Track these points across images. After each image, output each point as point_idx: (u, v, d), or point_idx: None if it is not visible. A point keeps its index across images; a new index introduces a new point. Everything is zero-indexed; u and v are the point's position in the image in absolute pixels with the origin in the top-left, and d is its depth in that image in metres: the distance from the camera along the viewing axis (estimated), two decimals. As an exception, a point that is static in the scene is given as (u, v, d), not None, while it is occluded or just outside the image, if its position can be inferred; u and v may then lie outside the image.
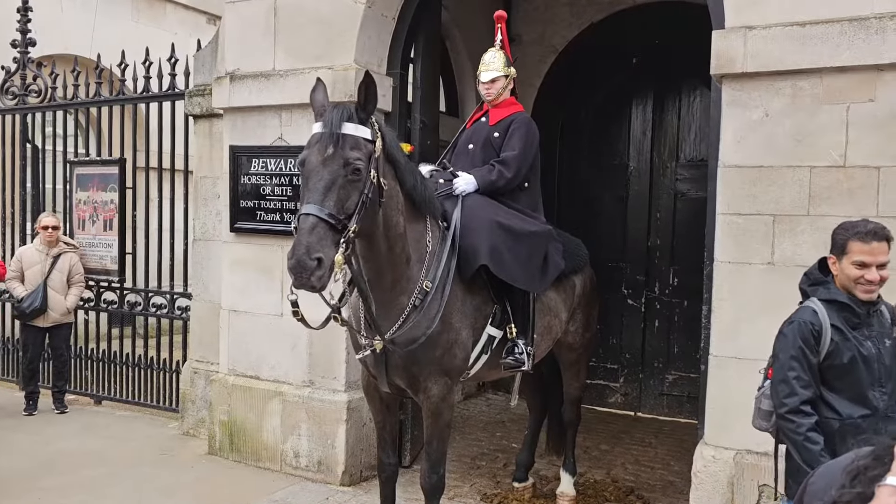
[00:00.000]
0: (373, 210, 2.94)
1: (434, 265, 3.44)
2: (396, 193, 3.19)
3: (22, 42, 7.21)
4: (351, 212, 2.80)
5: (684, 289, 6.64)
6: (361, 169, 2.81)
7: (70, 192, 6.89)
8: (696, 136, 6.75)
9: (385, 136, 3.08)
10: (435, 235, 3.53)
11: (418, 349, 3.39)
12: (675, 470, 5.33)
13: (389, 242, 3.19)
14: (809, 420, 2.58)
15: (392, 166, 3.14)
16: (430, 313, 3.40)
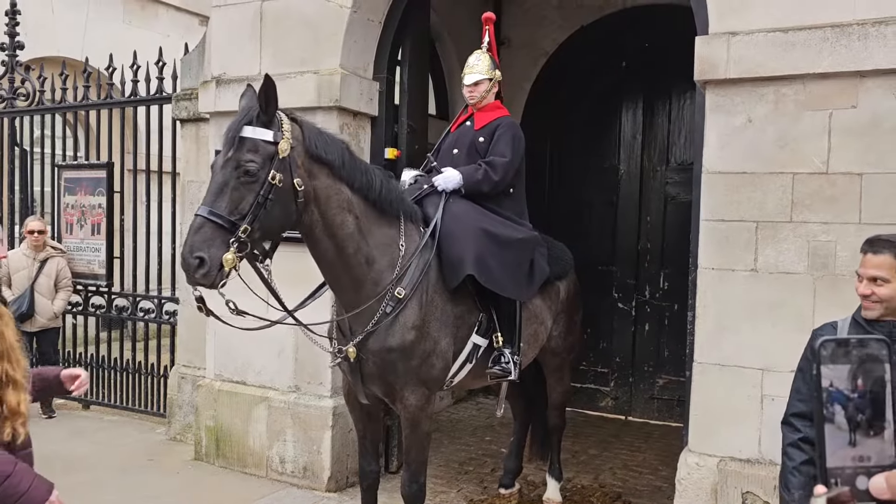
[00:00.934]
0: (281, 210, 2.92)
1: (410, 271, 3.39)
2: (337, 192, 3.13)
3: (10, 45, 7.18)
4: (244, 213, 2.81)
5: (675, 292, 6.62)
6: (253, 171, 2.82)
7: (58, 196, 6.86)
8: (686, 140, 6.74)
9: (306, 136, 3.03)
10: (412, 239, 3.47)
11: (393, 358, 3.36)
12: (663, 475, 5.31)
13: (336, 242, 3.17)
14: (793, 435, 2.51)
15: (324, 166, 3.08)
16: (406, 321, 3.37)
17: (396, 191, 3.48)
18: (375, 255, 3.32)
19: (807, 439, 2.44)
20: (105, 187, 6.50)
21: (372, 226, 3.30)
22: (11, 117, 7.26)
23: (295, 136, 2.98)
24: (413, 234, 3.51)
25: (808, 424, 2.40)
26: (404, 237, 3.43)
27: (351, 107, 4.84)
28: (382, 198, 3.32)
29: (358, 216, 3.23)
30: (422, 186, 3.85)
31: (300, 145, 3.00)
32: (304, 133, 3.04)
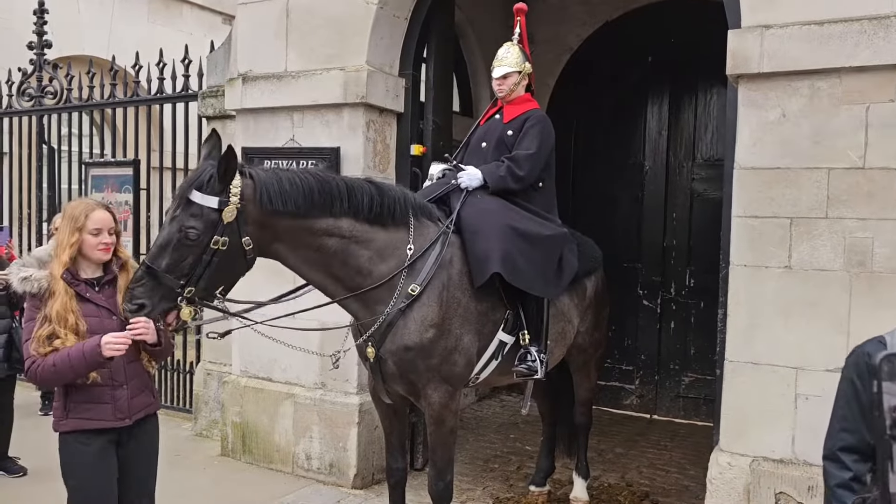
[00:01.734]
0: (228, 266, 2.97)
1: (423, 267, 3.37)
2: (307, 228, 3.14)
3: (38, 44, 7.26)
4: (184, 272, 2.87)
5: (701, 290, 6.56)
6: (194, 237, 2.87)
7: (85, 193, 6.92)
8: (712, 136, 6.67)
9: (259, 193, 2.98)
10: (424, 237, 3.44)
11: (412, 357, 3.35)
12: (690, 474, 5.27)
13: (316, 263, 3.24)
14: (843, 473, 2.10)
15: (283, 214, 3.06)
16: (424, 319, 3.35)
17: (397, 200, 3.40)
18: (375, 263, 3.31)
19: (858, 478, 2.10)
20: (132, 184, 6.55)
21: (368, 238, 3.30)
22: (39, 115, 7.35)
23: (246, 196, 2.96)
24: (426, 232, 3.49)
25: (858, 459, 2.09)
26: (413, 238, 3.41)
27: (377, 103, 4.83)
28: (375, 213, 3.30)
29: (345, 236, 3.23)
30: (449, 182, 3.83)
31: (251, 203, 2.98)
32: (256, 190, 3.00)
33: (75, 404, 2.85)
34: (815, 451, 3.44)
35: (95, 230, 2.88)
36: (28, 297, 2.85)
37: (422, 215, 3.53)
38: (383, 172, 5.00)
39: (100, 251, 2.91)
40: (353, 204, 3.24)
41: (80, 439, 2.85)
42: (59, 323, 2.75)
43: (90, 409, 2.84)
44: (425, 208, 3.59)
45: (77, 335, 2.77)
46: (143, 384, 2.99)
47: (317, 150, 4.91)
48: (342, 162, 4.83)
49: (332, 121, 4.91)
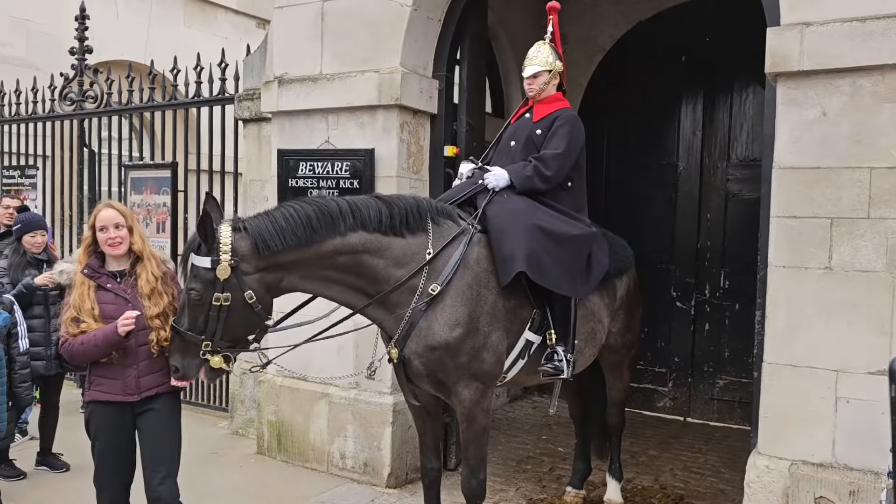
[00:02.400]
0: (239, 320, 3.11)
1: (442, 268, 3.40)
2: (316, 252, 3.21)
3: (79, 49, 7.42)
4: (201, 329, 3.08)
5: (736, 292, 6.50)
6: (196, 298, 3.07)
7: (125, 195, 7.07)
8: (748, 136, 6.60)
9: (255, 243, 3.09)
10: (445, 238, 3.46)
11: (439, 356, 3.37)
12: (725, 478, 5.21)
13: (333, 281, 3.32)
14: None
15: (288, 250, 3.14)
16: (449, 319, 3.37)
17: (408, 209, 3.43)
18: (392, 270, 3.35)
19: None
20: (169, 186, 6.66)
21: (383, 247, 3.34)
22: (80, 119, 7.52)
23: (241, 251, 3.08)
24: (446, 234, 3.50)
25: None
26: (433, 241, 3.43)
27: (411, 105, 4.86)
28: (385, 224, 3.35)
29: (357, 250, 3.29)
30: (476, 181, 3.83)
31: (249, 255, 3.10)
32: (253, 241, 3.11)
33: (95, 378, 3.27)
34: (856, 455, 3.43)
35: (101, 227, 3.22)
36: (67, 288, 3.29)
37: (442, 218, 3.55)
38: (417, 174, 5.03)
39: (109, 245, 3.24)
40: (358, 219, 3.30)
41: (98, 408, 3.28)
42: (77, 309, 3.16)
43: (103, 383, 3.25)
44: (445, 211, 3.60)
45: (94, 319, 3.16)
46: (155, 366, 3.27)
47: (351, 151, 4.96)
48: (376, 163, 4.87)
49: (367, 122, 4.95)
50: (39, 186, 7.91)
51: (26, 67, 8.67)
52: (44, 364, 4.92)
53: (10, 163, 8.20)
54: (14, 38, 9.14)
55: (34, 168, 7.99)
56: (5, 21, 9.08)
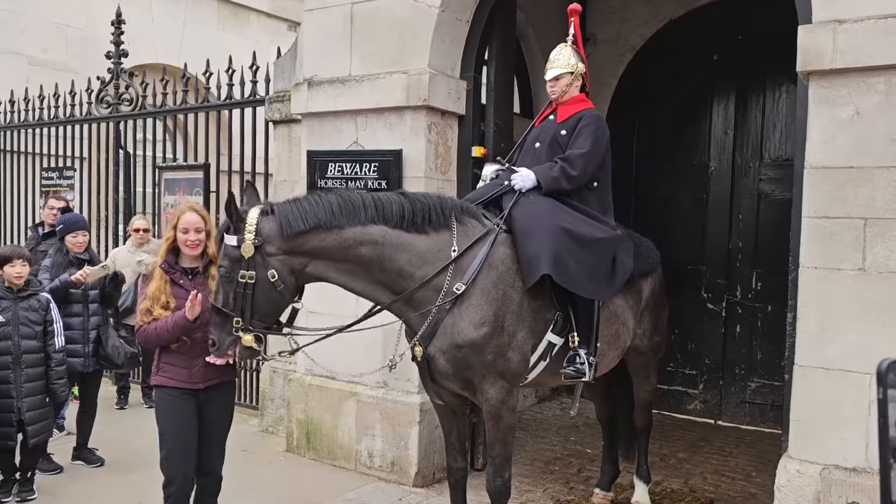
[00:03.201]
0: (264, 298, 3.25)
1: (467, 267, 3.42)
2: (337, 238, 3.31)
3: (115, 53, 7.58)
4: (231, 306, 3.25)
5: (768, 293, 6.40)
6: (224, 274, 3.27)
7: (159, 196, 7.20)
8: (781, 135, 6.50)
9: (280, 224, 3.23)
10: (470, 237, 3.49)
11: (465, 355, 3.38)
12: (756, 481, 5.14)
13: (357, 272, 3.39)
14: None
15: (310, 232, 3.26)
16: (474, 318, 3.38)
17: (432, 206, 3.48)
18: (416, 266, 3.39)
19: None
20: (202, 187, 6.78)
21: (405, 243, 3.39)
22: (116, 122, 7.67)
23: (265, 231, 3.23)
24: (471, 233, 3.52)
25: None
26: (457, 239, 3.46)
27: (439, 106, 4.88)
28: (408, 220, 3.40)
29: (377, 242, 3.35)
30: (502, 182, 3.83)
31: (274, 236, 3.24)
32: (278, 222, 3.25)
33: (163, 364, 3.53)
34: None
35: (184, 229, 3.46)
36: (141, 277, 3.61)
37: (466, 217, 3.57)
38: (444, 174, 5.05)
39: (187, 247, 3.48)
40: (380, 211, 3.37)
41: (163, 392, 3.53)
42: (153, 300, 3.42)
43: (170, 370, 3.51)
44: (470, 210, 3.62)
45: (166, 310, 3.42)
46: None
47: (379, 152, 5.00)
48: (404, 164, 4.90)
49: (395, 123, 4.98)
50: (76, 187, 8.10)
51: (65, 71, 8.89)
52: (81, 361, 5.04)
53: (49, 164, 8.40)
54: (54, 44, 9.37)
55: (72, 169, 8.18)
56: (47, 27, 9.32)
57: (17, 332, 4.48)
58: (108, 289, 5.16)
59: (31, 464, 4.69)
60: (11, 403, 4.45)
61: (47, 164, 8.42)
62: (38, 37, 9.25)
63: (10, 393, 4.44)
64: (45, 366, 4.60)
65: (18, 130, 8.59)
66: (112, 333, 5.22)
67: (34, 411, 4.52)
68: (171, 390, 3.50)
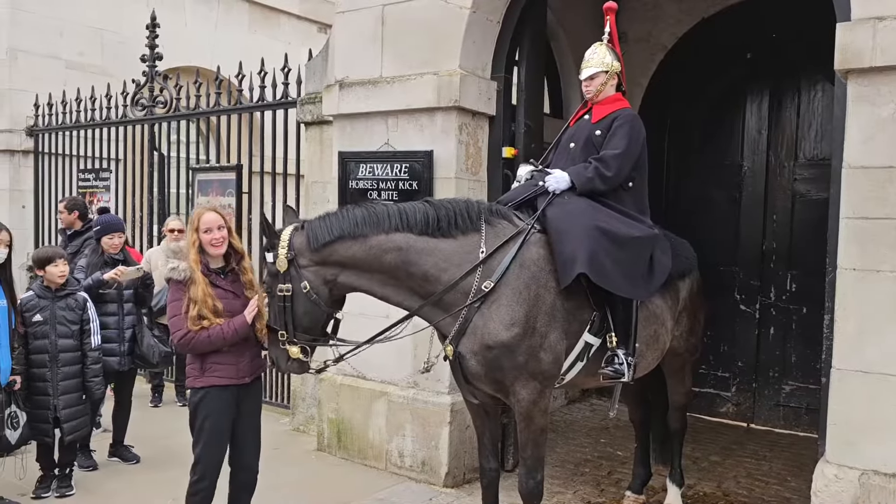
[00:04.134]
0: (302, 310, 3.40)
1: (496, 266, 3.42)
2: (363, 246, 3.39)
3: (150, 57, 7.70)
4: (278, 321, 3.42)
5: (803, 295, 6.31)
6: (267, 290, 3.47)
7: (192, 197, 7.30)
8: (816, 134, 6.40)
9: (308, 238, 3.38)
10: (500, 236, 3.49)
11: (496, 355, 3.38)
12: (791, 486, 5.07)
13: (385, 279, 3.46)
14: None
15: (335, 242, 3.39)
16: (504, 318, 3.38)
17: (457, 211, 3.50)
18: (443, 270, 3.42)
19: None
20: (234, 188, 6.85)
21: (430, 248, 3.43)
22: (151, 124, 7.80)
23: (296, 247, 3.39)
24: (501, 233, 3.52)
25: None
26: (486, 240, 3.47)
27: (469, 107, 4.89)
28: (433, 226, 3.45)
29: (401, 247, 3.40)
30: (536, 183, 3.82)
31: (304, 249, 3.39)
32: (306, 236, 3.41)
33: (210, 365, 3.55)
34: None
35: (206, 229, 3.52)
36: (173, 282, 3.53)
37: (496, 219, 3.57)
38: (475, 175, 5.05)
39: (212, 246, 3.54)
40: (403, 220, 3.43)
41: (213, 392, 3.55)
42: (202, 304, 3.45)
43: (220, 369, 3.55)
44: (500, 212, 3.63)
45: (214, 314, 3.49)
46: (256, 352, 3.68)
47: (410, 153, 5.02)
48: (435, 165, 4.91)
49: (426, 124, 4.99)
50: (112, 188, 8.24)
51: (101, 75, 9.05)
52: (117, 360, 5.13)
53: (86, 166, 8.57)
54: (91, 48, 9.56)
55: (107, 171, 8.34)
56: (84, 31, 9.50)
57: (55, 331, 4.58)
58: (139, 289, 5.25)
59: (68, 460, 4.79)
60: (48, 401, 4.54)
61: (84, 166, 8.59)
62: (76, 41, 9.43)
63: (47, 391, 4.54)
64: (81, 364, 4.69)
65: (56, 132, 8.78)
66: (147, 333, 5.31)
67: (70, 409, 4.61)
68: (219, 389, 3.55)
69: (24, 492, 4.64)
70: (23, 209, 8.84)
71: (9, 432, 4.31)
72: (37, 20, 9.12)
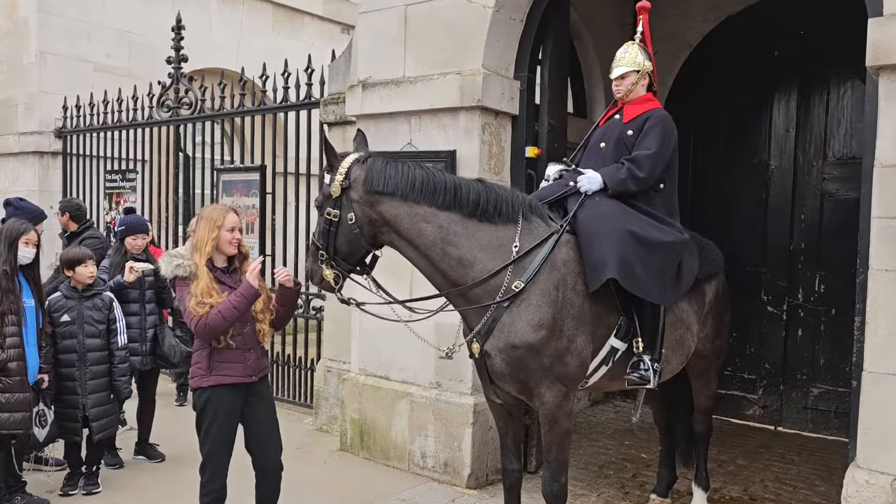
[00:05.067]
0: (344, 238, 3.47)
1: (528, 265, 3.39)
2: (409, 212, 3.41)
3: (175, 59, 7.77)
4: (321, 240, 3.51)
5: (832, 296, 6.20)
6: (318, 206, 3.55)
7: (216, 198, 7.36)
8: (846, 132, 6.28)
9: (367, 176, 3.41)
10: (534, 236, 3.47)
11: (521, 356, 3.35)
12: (820, 491, 4.98)
13: (419, 251, 3.46)
14: None
15: (387, 195, 3.41)
16: (533, 320, 3.35)
17: (504, 199, 3.49)
18: (477, 257, 3.40)
19: None
20: (258, 189, 6.90)
21: (470, 232, 3.41)
22: (176, 125, 7.88)
23: (354, 178, 3.43)
24: (535, 231, 3.49)
25: None
26: (521, 236, 3.44)
27: (493, 106, 4.87)
28: (482, 209, 3.43)
29: (442, 226, 3.39)
30: (566, 183, 3.79)
31: (359, 184, 3.42)
32: (365, 173, 3.43)
33: (217, 363, 3.55)
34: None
35: (230, 228, 3.61)
36: (178, 279, 3.55)
37: (533, 215, 3.54)
38: (498, 175, 5.02)
39: (230, 244, 3.62)
40: (458, 198, 3.41)
41: (219, 392, 3.55)
42: (202, 296, 3.47)
43: (226, 368, 3.56)
44: (537, 209, 3.60)
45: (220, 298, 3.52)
46: (261, 351, 3.71)
47: (433, 153, 5.00)
48: (458, 165, 4.90)
49: (449, 124, 4.98)
50: (138, 189, 8.34)
51: (128, 77, 9.16)
52: (140, 360, 5.19)
53: (113, 167, 8.68)
54: (118, 50, 9.68)
55: (134, 172, 8.43)
56: (111, 34, 9.62)
57: (82, 331, 4.64)
58: (160, 291, 5.32)
59: (96, 458, 4.85)
60: (77, 400, 4.61)
61: (111, 167, 8.70)
62: (103, 43, 9.55)
63: (76, 390, 4.60)
64: (108, 363, 4.75)
65: (84, 134, 8.90)
66: (168, 333, 5.38)
67: (98, 407, 4.68)
68: (225, 388, 3.56)
69: (52, 489, 4.71)
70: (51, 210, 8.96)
71: (36, 430, 4.38)
72: (65, 23, 9.26)
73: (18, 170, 9.40)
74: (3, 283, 4.15)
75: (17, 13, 9.38)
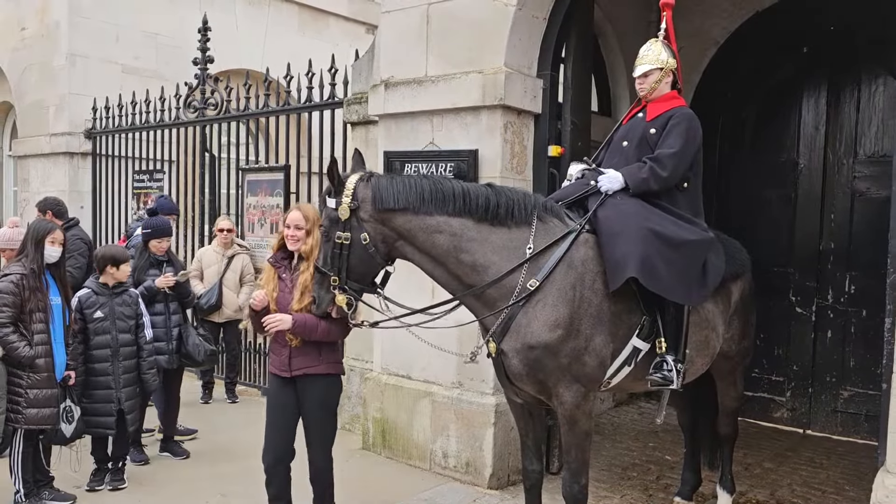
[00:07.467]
0: (358, 259, 3.44)
1: (543, 264, 3.37)
2: (422, 224, 3.41)
3: (202, 60, 7.84)
4: (331, 265, 3.46)
5: (862, 297, 6.08)
6: (324, 233, 3.50)
7: (242, 197, 7.42)
8: (877, 130, 6.15)
9: (374, 195, 3.39)
10: (550, 235, 3.44)
11: (538, 356, 3.33)
12: (850, 495, 4.89)
13: (437, 261, 3.46)
14: None
15: (398, 211, 3.39)
16: (548, 319, 3.32)
17: (516, 201, 3.47)
18: (491, 260, 3.39)
19: None
20: (282, 188, 6.95)
21: (484, 237, 3.41)
22: (202, 126, 7.96)
23: (362, 197, 3.40)
24: (551, 231, 3.47)
25: None
26: (535, 236, 3.42)
27: (515, 105, 4.84)
28: (492, 213, 3.42)
29: (455, 233, 3.39)
30: (587, 183, 3.75)
31: (368, 203, 3.40)
32: (372, 192, 3.42)
33: (271, 352, 3.94)
34: None
35: (287, 224, 3.79)
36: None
37: (549, 216, 3.52)
38: (520, 174, 5.00)
39: (289, 240, 3.78)
40: (467, 203, 3.41)
41: (270, 378, 3.94)
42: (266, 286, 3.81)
43: (273, 359, 3.89)
44: (554, 209, 3.57)
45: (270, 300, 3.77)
46: (304, 350, 3.75)
47: (455, 152, 5.00)
48: (480, 164, 4.88)
49: (471, 123, 4.97)
50: (165, 189, 8.44)
51: (155, 78, 9.29)
52: (166, 358, 5.27)
53: (141, 167, 8.80)
54: (145, 52, 9.81)
55: (161, 172, 8.54)
56: (138, 36, 9.76)
57: (115, 327, 4.76)
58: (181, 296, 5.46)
59: (122, 453, 4.92)
60: (112, 394, 4.71)
61: (139, 167, 8.82)
62: (131, 45, 9.69)
63: (111, 384, 4.71)
64: (137, 357, 4.85)
65: (113, 135, 9.03)
66: (192, 332, 5.47)
67: (131, 401, 4.82)
68: (274, 378, 3.87)
69: (79, 484, 4.78)
70: (81, 209, 9.11)
71: (64, 426, 4.45)
72: (94, 25, 9.41)
73: (49, 170, 9.58)
74: (31, 281, 4.24)
75: (48, 17, 9.55)
